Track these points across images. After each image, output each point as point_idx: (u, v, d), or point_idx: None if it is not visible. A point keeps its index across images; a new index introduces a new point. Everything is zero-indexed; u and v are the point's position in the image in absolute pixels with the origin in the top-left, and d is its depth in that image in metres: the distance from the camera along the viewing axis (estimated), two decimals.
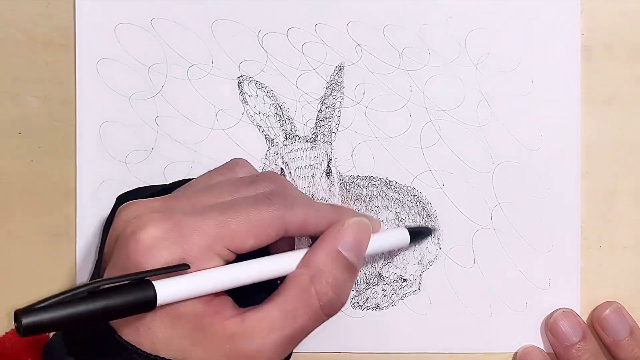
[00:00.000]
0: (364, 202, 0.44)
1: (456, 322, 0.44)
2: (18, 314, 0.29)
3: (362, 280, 0.44)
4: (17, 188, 0.43)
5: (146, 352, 0.32)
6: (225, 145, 0.43)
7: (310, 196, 0.43)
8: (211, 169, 0.43)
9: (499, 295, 0.44)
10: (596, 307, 0.44)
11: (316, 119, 0.44)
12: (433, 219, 0.44)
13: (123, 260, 0.33)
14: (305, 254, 0.36)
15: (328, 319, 0.36)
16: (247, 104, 0.43)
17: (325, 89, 0.44)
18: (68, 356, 0.33)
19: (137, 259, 0.32)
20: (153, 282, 0.31)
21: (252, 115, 0.43)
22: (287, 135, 0.43)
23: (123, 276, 0.31)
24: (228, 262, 0.34)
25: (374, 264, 0.44)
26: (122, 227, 0.34)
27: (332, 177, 0.44)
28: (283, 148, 0.43)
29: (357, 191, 0.44)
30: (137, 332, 0.33)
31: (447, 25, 0.44)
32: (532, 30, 0.44)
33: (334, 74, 0.44)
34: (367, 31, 0.44)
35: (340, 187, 0.44)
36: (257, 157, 0.43)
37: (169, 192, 0.38)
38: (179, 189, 0.38)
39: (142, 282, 0.31)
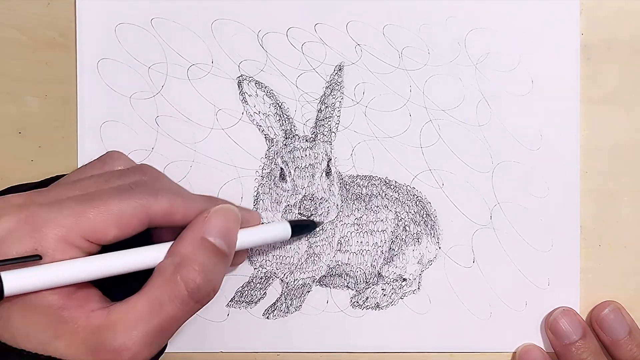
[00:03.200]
0: (364, 201, 0.44)
1: (456, 321, 0.44)
2: None
3: (362, 280, 0.44)
4: None
5: (6, 344, 0.32)
6: (225, 145, 0.43)
7: (310, 196, 0.43)
8: (210, 168, 0.43)
9: (498, 294, 0.44)
10: (595, 307, 0.44)
11: (316, 119, 0.44)
12: (433, 219, 0.44)
13: None
14: (172, 244, 0.36)
15: (201, 307, 0.35)
16: (247, 104, 0.43)
17: (325, 88, 0.44)
18: None
19: None
20: (1, 272, 0.31)
21: (252, 115, 0.43)
22: (287, 135, 0.44)
23: None
24: (91, 254, 0.34)
25: (373, 264, 0.44)
26: None
27: (331, 177, 0.44)
28: (283, 148, 0.43)
29: (356, 191, 0.44)
30: None
31: (447, 25, 0.44)
32: (532, 29, 0.44)
33: (334, 74, 0.44)
34: (367, 31, 0.44)
35: (340, 187, 0.44)
36: (257, 156, 0.44)
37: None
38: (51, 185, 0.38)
39: None
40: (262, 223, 0.42)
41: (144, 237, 0.36)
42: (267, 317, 0.44)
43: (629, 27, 0.44)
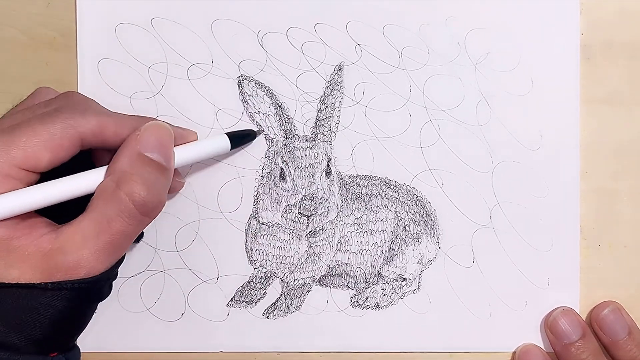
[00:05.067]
0: (364, 201, 0.44)
1: (456, 321, 0.44)
2: None
3: (361, 280, 0.44)
4: None
5: None
6: None
7: (310, 196, 0.43)
8: (210, 168, 0.43)
9: (498, 294, 0.44)
10: (595, 307, 0.44)
11: (316, 119, 0.44)
12: (433, 218, 0.44)
13: None
14: (109, 165, 0.36)
15: (150, 220, 0.36)
16: (247, 104, 0.43)
17: (325, 88, 0.44)
18: None
19: None
20: None
21: (252, 114, 0.43)
22: (287, 135, 0.44)
23: None
24: (31, 184, 0.35)
25: (373, 264, 0.44)
26: None
27: (331, 177, 0.44)
28: (283, 147, 0.43)
29: (356, 190, 0.44)
30: None
31: (447, 25, 0.44)
32: (532, 30, 0.44)
33: (334, 74, 0.44)
34: (367, 31, 0.44)
35: (340, 187, 0.44)
36: (257, 156, 0.44)
37: None
38: None
39: None
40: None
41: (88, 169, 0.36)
42: (267, 317, 0.44)
43: (629, 27, 0.44)
